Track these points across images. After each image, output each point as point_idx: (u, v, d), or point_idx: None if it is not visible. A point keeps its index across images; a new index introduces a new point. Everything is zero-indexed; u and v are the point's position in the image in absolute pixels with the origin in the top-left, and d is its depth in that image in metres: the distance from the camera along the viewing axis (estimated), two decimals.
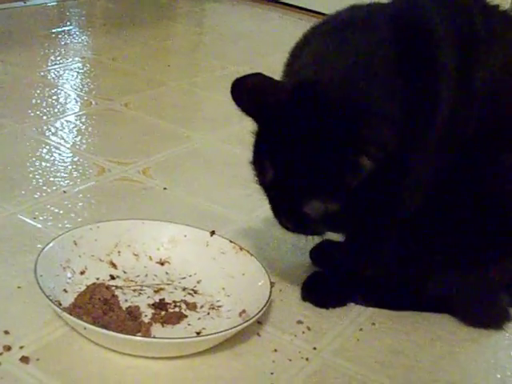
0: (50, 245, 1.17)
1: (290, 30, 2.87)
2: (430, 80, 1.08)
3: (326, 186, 1.05)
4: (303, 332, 1.18)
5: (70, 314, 1.06)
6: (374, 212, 1.11)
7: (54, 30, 2.52)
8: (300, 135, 1.05)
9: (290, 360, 1.11)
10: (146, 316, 1.13)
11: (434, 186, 1.13)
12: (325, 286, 1.27)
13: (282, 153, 1.07)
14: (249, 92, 1.09)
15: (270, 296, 1.13)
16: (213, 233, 1.27)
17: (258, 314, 1.09)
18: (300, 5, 3.24)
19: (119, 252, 1.25)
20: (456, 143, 1.12)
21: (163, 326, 1.12)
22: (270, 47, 2.57)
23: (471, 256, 1.20)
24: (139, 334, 1.08)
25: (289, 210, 1.11)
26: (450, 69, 1.09)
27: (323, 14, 3.08)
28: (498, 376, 1.17)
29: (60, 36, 2.46)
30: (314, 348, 1.15)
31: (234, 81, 1.08)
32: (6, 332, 1.08)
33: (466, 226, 1.17)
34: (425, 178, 1.12)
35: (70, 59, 2.26)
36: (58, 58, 2.24)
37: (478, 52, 1.12)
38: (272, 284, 1.18)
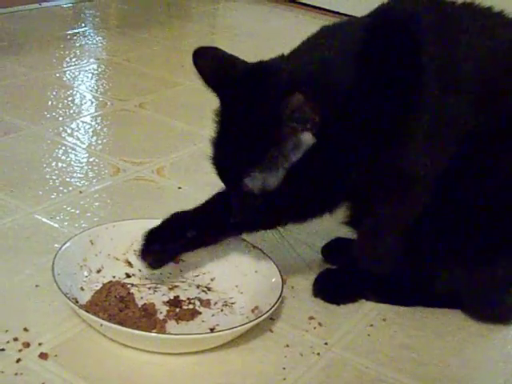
0: (67, 244, 1.20)
1: (303, 30, 2.88)
2: (406, 80, 1.11)
3: (266, 157, 1.07)
4: (315, 328, 1.20)
5: (87, 312, 1.08)
6: (314, 193, 1.12)
7: (69, 32, 2.55)
8: (245, 110, 1.08)
9: (302, 355, 1.14)
10: (160, 313, 1.15)
11: (440, 182, 1.15)
12: (336, 283, 1.29)
13: (227, 127, 1.11)
14: (210, 62, 1.13)
15: (281, 292, 1.16)
16: None
17: (270, 310, 1.12)
18: (314, 4, 3.25)
19: (135, 251, 1.27)
20: (455, 137, 1.14)
21: (178, 322, 1.14)
22: (283, 46, 2.58)
23: (479, 252, 1.21)
24: (154, 330, 1.11)
25: (231, 183, 1.13)
26: (430, 69, 1.11)
27: (338, 13, 3.12)
28: (507, 370, 1.19)
29: (75, 37, 2.50)
30: (326, 343, 1.17)
31: (196, 49, 1.13)
32: (26, 329, 1.11)
33: (473, 223, 1.18)
34: (427, 174, 1.14)
35: (85, 60, 2.29)
36: (74, 60, 2.27)
37: (464, 46, 1.14)
38: (284, 281, 1.20)
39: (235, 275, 1.25)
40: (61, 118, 1.85)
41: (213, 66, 1.14)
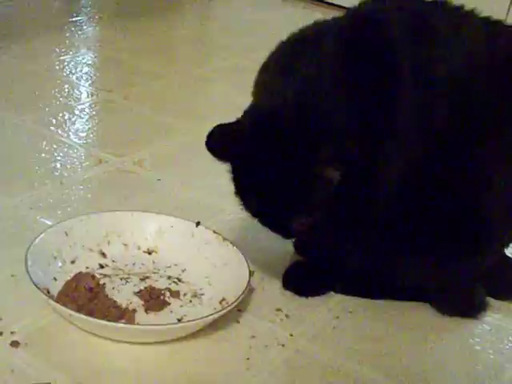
0: (41, 235, 1.23)
1: (295, 21, 2.90)
2: (384, 86, 1.13)
3: (305, 203, 1.13)
4: (281, 319, 1.23)
5: (57, 302, 1.11)
6: (352, 215, 1.18)
7: (60, 22, 2.57)
8: (270, 166, 1.12)
9: (267, 346, 1.17)
10: (130, 303, 1.18)
11: (404, 182, 1.18)
12: (305, 275, 1.32)
13: (259, 184, 1.15)
14: (218, 142, 1.16)
15: (248, 285, 1.19)
16: (198, 223, 1.32)
17: (235, 302, 1.15)
18: None
19: (109, 242, 1.30)
20: (422, 140, 1.16)
21: (147, 312, 1.18)
22: (274, 38, 2.58)
23: (445, 247, 1.23)
24: (123, 320, 1.14)
25: (278, 228, 1.20)
26: (405, 71, 1.14)
27: (330, 4, 3.13)
28: (470, 364, 1.22)
29: (66, 27, 2.52)
30: (291, 335, 1.20)
31: (207, 136, 1.16)
32: None
33: (438, 219, 1.21)
34: (395, 176, 1.17)
35: (75, 51, 2.32)
36: (63, 50, 2.29)
37: (437, 49, 1.16)
38: (252, 273, 1.23)
39: (206, 267, 1.28)
40: (47, 109, 1.88)
41: (219, 144, 1.17)
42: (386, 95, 1.14)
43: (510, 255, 1.41)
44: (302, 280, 1.32)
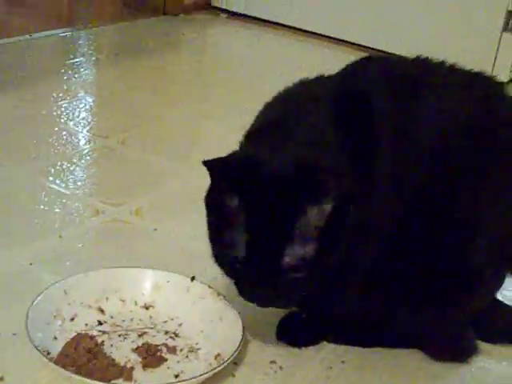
0: (41, 296, 1.26)
1: (293, 54, 2.96)
2: (368, 148, 1.20)
3: (299, 233, 1.14)
4: (275, 371, 1.27)
5: (57, 363, 1.15)
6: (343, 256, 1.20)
7: (57, 64, 2.61)
8: (266, 202, 1.14)
9: None
10: (128, 360, 1.22)
11: (391, 232, 1.22)
12: (298, 326, 1.36)
13: (253, 219, 1.14)
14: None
15: (241, 340, 1.22)
16: (193, 278, 1.36)
17: (229, 358, 1.19)
18: (304, 28, 3.29)
19: (107, 298, 1.34)
20: (407, 195, 1.21)
21: (144, 369, 1.21)
22: (271, 72, 2.60)
23: (434, 294, 1.27)
24: (121, 379, 1.17)
25: (267, 274, 1.17)
26: (389, 136, 1.20)
27: (328, 37, 3.17)
28: None
29: (63, 70, 2.54)
30: None
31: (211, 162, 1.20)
32: (1, 378, 1.17)
33: (426, 266, 1.25)
34: (379, 226, 1.21)
35: (73, 95, 2.35)
36: (61, 95, 2.32)
37: (418, 110, 1.22)
38: (245, 328, 1.26)
39: (201, 321, 1.31)
40: (45, 157, 1.91)
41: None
42: (371, 155, 1.18)
43: (500, 298, 1.44)
44: (295, 331, 1.35)
